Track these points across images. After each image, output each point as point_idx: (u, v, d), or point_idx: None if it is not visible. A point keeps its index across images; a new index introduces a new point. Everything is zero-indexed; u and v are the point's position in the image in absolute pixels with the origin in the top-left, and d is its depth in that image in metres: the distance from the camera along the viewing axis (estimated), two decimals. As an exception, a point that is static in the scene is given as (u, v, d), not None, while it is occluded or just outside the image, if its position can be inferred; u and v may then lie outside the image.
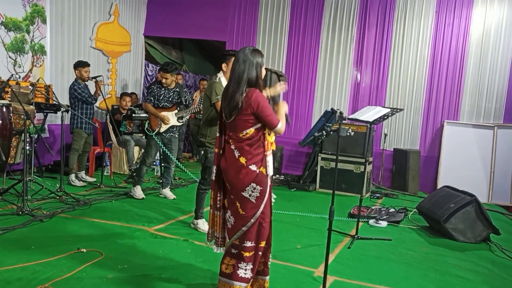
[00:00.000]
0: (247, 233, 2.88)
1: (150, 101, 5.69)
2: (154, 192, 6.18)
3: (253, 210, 2.87)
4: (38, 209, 4.77)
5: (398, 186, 7.54)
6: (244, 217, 2.88)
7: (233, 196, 2.90)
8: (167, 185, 6.08)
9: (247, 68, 2.85)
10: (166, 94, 5.75)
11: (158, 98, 5.70)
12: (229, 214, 2.96)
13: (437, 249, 4.61)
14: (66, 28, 7.59)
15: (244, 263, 2.90)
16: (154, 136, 5.66)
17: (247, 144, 2.86)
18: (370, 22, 8.06)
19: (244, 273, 2.91)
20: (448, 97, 7.66)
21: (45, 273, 3.24)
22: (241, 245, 2.90)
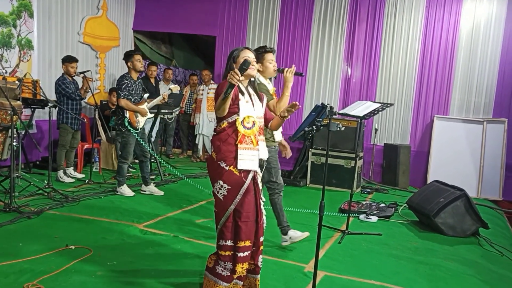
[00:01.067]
0: (222, 231, 2.87)
1: (126, 96, 5.50)
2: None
3: (222, 208, 2.86)
4: (25, 205, 4.71)
5: (389, 181, 7.56)
6: (216, 213, 2.92)
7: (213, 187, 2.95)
8: (149, 180, 5.96)
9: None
10: (136, 87, 5.64)
11: (131, 92, 5.57)
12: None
13: (427, 243, 4.62)
14: (53, 22, 7.49)
15: (222, 262, 2.87)
16: (135, 133, 5.58)
17: (218, 139, 2.89)
18: (360, 17, 8.05)
19: (222, 270, 2.87)
20: (438, 92, 7.68)
21: (32, 271, 3.20)
22: (217, 243, 2.90)
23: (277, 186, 4.15)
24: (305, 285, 3.33)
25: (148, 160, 5.91)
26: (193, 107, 8.96)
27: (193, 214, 5.07)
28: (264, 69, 4.16)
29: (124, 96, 5.50)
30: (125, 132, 5.58)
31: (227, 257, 2.87)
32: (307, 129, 2.75)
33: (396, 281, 3.54)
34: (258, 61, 4.03)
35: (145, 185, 5.90)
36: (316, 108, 2.76)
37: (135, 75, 5.64)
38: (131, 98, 5.55)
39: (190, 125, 9.11)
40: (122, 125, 5.55)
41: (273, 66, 4.15)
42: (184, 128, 9.28)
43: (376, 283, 3.48)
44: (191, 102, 9.01)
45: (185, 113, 9.09)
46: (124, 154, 5.68)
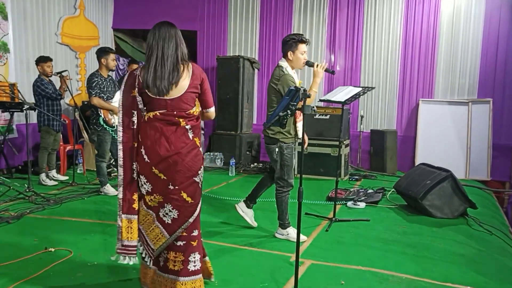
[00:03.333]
0: (195, 222, 2.76)
1: (98, 94, 5.39)
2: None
3: (200, 195, 2.77)
4: (5, 210, 4.60)
5: (377, 167, 7.52)
6: (192, 205, 2.73)
7: (177, 187, 2.67)
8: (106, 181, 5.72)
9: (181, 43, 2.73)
10: (107, 84, 5.54)
11: (103, 90, 5.48)
12: (168, 208, 2.69)
13: (415, 226, 4.58)
14: (29, 24, 7.34)
15: (193, 254, 2.75)
16: (111, 131, 5.48)
17: (198, 123, 2.76)
18: (341, 3, 7.98)
19: (194, 265, 2.76)
20: (422, 76, 7.65)
21: (10, 275, 3.11)
22: (189, 235, 2.74)
23: (287, 184, 4.04)
24: (291, 274, 3.25)
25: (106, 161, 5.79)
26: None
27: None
28: (294, 60, 3.98)
29: (95, 94, 5.38)
30: (100, 131, 5.49)
31: (198, 246, 2.78)
32: (281, 114, 2.67)
33: (384, 265, 3.49)
34: (289, 50, 3.96)
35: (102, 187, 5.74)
36: (289, 91, 2.69)
37: (106, 72, 5.55)
38: (103, 95, 5.45)
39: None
40: (97, 124, 5.46)
41: (304, 58, 3.99)
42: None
43: (364, 269, 3.43)
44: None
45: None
46: (100, 152, 5.57)
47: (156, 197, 2.71)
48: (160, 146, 2.65)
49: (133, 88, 2.68)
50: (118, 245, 2.75)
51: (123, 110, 2.70)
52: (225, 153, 7.82)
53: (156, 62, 2.64)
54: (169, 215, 2.70)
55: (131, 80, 2.70)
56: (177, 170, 2.66)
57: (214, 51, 8.80)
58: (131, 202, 2.73)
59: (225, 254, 3.68)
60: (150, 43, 2.68)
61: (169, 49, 2.67)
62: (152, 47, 2.67)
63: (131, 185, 2.72)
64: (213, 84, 8.62)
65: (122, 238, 2.74)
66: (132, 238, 2.73)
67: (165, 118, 2.66)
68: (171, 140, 2.67)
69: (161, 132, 2.66)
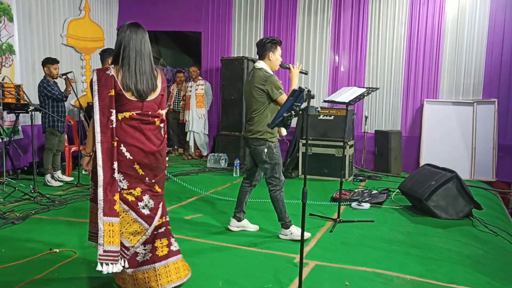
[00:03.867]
0: (164, 207, 2.99)
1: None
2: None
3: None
4: (10, 211, 4.62)
5: (381, 168, 7.50)
6: (161, 194, 2.95)
7: (153, 180, 2.85)
8: None
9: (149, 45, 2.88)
10: None
11: None
12: (146, 199, 2.83)
13: (420, 227, 4.57)
14: (34, 25, 7.38)
15: (171, 237, 3.02)
16: None
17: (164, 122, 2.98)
18: (345, 4, 7.97)
19: (175, 246, 3.00)
20: (427, 76, 7.62)
21: (15, 276, 3.13)
22: (166, 221, 2.98)
23: (279, 182, 4.06)
24: (295, 276, 3.25)
25: None
26: (181, 104, 8.88)
27: (182, 211, 5.00)
28: (274, 61, 4.06)
29: None
30: None
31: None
32: (285, 115, 2.67)
33: (388, 267, 3.48)
34: (269, 51, 4.03)
35: None
36: (293, 92, 2.69)
37: None
38: None
39: (179, 122, 9.03)
40: None
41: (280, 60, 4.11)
42: (174, 126, 9.19)
43: (368, 270, 3.42)
44: (179, 99, 8.93)
45: (173, 111, 9.00)
46: None
47: (134, 192, 2.80)
48: (143, 143, 2.77)
49: (110, 88, 2.71)
50: (99, 251, 2.65)
51: (100, 110, 2.70)
52: (229, 154, 7.83)
53: (136, 66, 2.75)
54: (148, 206, 2.85)
55: (105, 79, 2.71)
56: (156, 166, 2.84)
57: (219, 52, 8.80)
58: (112, 203, 2.68)
59: (228, 254, 3.68)
60: (124, 44, 2.75)
61: (145, 53, 2.81)
62: (128, 49, 2.75)
63: (112, 185, 2.69)
64: (217, 85, 8.63)
65: (104, 243, 2.64)
66: (114, 242, 2.67)
67: (141, 118, 2.79)
68: (150, 138, 2.81)
69: (140, 130, 2.78)
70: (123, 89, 2.72)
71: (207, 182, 6.50)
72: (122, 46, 2.76)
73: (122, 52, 2.75)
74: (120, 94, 2.73)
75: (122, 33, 2.78)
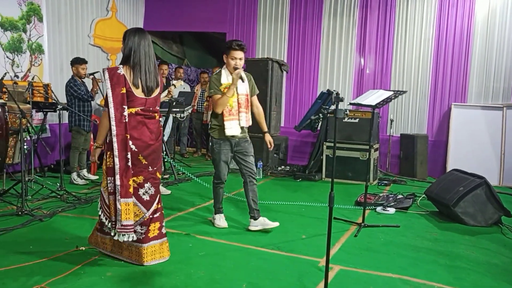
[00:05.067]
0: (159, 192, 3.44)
1: None
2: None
3: None
4: (38, 209, 4.70)
5: (406, 172, 7.39)
6: (159, 179, 3.43)
7: (155, 168, 3.36)
8: None
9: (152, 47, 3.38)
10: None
11: None
12: (147, 187, 3.32)
13: (447, 234, 4.47)
14: (63, 26, 7.51)
15: (163, 220, 3.50)
16: None
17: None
18: (372, 5, 7.89)
19: (164, 229, 3.49)
20: (455, 79, 7.48)
21: (42, 273, 3.17)
22: (161, 206, 3.44)
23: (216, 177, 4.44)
24: (319, 280, 3.23)
25: None
26: (205, 105, 8.92)
27: (205, 212, 5.01)
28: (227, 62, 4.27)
29: None
30: None
31: None
32: (313, 118, 2.67)
33: (415, 273, 3.41)
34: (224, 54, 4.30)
35: None
36: (321, 95, 2.67)
37: None
38: None
39: (203, 123, 9.06)
40: None
41: (234, 64, 4.21)
42: (197, 127, 9.24)
43: (394, 276, 3.36)
44: (203, 100, 8.97)
45: (197, 112, 9.04)
46: None
47: (137, 180, 3.26)
48: (146, 136, 3.24)
49: (122, 86, 3.14)
50: (118, 225, 3.19)
51: (115, 106, 3.13)
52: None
53: (145, 66, 3.22)
54: (148, 193, 3.32)
55: (116, 78, 3.15)
56: (157, 156, 3.34)
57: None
58: (127, 187, 3.17)
59: (252, 257, 3.66)
60: (135, 47, 3.22)
61: (151, 54, 3.29)
62: (139, 51, 3.21)
63: (127, 172, 3.16)
64: (242, 86, 8.62)
65: (122, 219, 3.17)
66: (129, 218, 3.20)
67: (144, 113, 3.24)
68: (152, 130, 3.28)
69: (144, 124, 3.24)
70: (133, 87, 3.18)
71: (230, 184, 6.47)
72: (132, 48, 3.21)
73: (133, 54, 3.20)
74: (129, 91, 3.17)
75: (131, 38, 3.24)
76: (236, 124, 4.19)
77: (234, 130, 4.18)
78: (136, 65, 3.19)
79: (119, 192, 3.13)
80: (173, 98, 6.32)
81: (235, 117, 4.19)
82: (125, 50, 3.24)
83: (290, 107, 8.55)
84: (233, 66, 4.16)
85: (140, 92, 3.21)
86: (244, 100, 4.26)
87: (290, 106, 8.54)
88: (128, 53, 3.22)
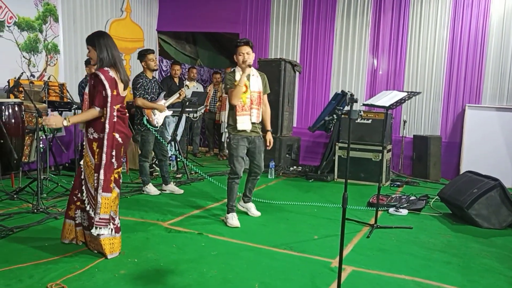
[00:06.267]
0: None
1: (142, 95, 5.50)
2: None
3: None
4: (53, 206, 4.77)
5: (419, 174, 7.35)
6: None
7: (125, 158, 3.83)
8: (169, 179, 5.94)
9: None
10: (151, 86, 5.63)
11: (147, 91, 5.56)
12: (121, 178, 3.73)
13: (460, 236, 4.44)
14: (78, 26, 7.60)
15: None
16: (154, 131, 5.57)
17: None
18: (385, 6, 7.85)
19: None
20: (469, 80, 7.41)
21: (57, 270, 3.21)
22: None
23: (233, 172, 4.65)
24: (332, 281, 3.23)
25: (167, 160, 5.90)
26: (217, 105, 8.95)
27: (217, 211, 5.03)
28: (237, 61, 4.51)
29: (140, 95, 5.49)
30: (144, 131, 5.59)
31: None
32: (327, 119, 2.67)
33: (428, 275, 3.40)
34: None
35: (165, 184, 5.90)
36: (336, 96, 2.67)
37: (150, 74, 5.65)
38: (148, 96, 5.54)
39: (215, 123, 9.10)
40: (141, 124, 5.56)
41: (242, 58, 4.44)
42: (209, 127, 9.28)
43: (407, 278, 3.35)
44: (216, 100, 9.00)
45: (210, 112, 9.08)
46: (143, 152, 5.69)
47: (119, 170, 3.55)
48: (126, 129, 3.53)
49: (115, 87, 3.38)
50: (96, 218, 3.43)
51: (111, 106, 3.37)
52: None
53: (121, 65, 3.47)
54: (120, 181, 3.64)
55: (110, 80, 3.36)
56: (127, 147, 3.75)
57: (256, 53, 8.80)
58: (109, 182, 3.44)
59: (264, 257, 3.68)
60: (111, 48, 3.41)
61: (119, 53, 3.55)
62: (114, 51, 3.43)
63: (110, 167, 3.43)
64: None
65: (100, 212, 3.43)
66: (106, 212, 3.46)
67: (122, 110, 3.49)
68: (127, 125, 3.59)
69: (123, 120, 3.51)
70: (120, 87, 3.43)
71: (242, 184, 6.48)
72: (109, 50, 3.39)
73: (112, 54, 3.40)
74: (117, 92, 3.41)
75: (103, 40, 3.41)
76: (247, 119, 4.45)
77: (246, 125, 4.44)
78: (117, 65, 3.43)
79: (102, 186, 3.39)
80: (186, 98, 6.37)
81: (247, 113, 4.45)
82: (102, 53, 3.39)
83: (302, 107, 8.55)
84: (242, 60, 4.39)
85: (123, 91, 3.48)
86: (256, 97, 4.51)
87: (303, 106, 8.53)
88: (106, 55, 3.38)
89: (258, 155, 4.67)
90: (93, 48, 3.45)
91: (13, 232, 3.99)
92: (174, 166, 7.32)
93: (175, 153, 6.89)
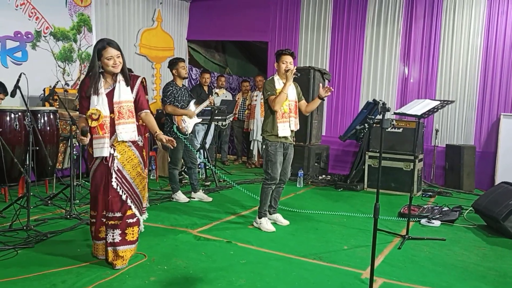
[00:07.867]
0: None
1: (172, 102, 5.56)
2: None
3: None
4: (85, 213, 4.85)
5: (452, 184, 7.18)
6: None
7: None
8: (198, 187, 5.97)
9: None
10: (181, 93, 5.68)
11: (177, 99, 5.62)
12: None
13: (496, 249, 4.30)
14: (111, 35, 7.75)
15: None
16: (184, 139, 5.61)
17: None
18: (417, 14, 7.74)
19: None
20: (504, 89, 7.22)
21: (89, 276, 3.26)
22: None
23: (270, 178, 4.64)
24: (362, 292, 3.18)
25: (196, 167, 5.94)
26: (246, 113, 8.98)
27: (246, 220, 5.02)
28: (278, 69, 4.70)
29: (170, 102, 5.55)
30: (174, 138, 5.62)
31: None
32: (358, 127, 2.63)
33: (462, 289, 3.31)
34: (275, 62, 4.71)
35: (193, 192, 5.93)
36: (367, 105, 2.63)
37: (180, 82, 5.71)
38: (177, 104, 5.60)
39: (244, 131, 9.13)
40: (171, 131, 5.61)
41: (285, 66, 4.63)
42: (238, 135, 9.31)
43: (440, 291, 3.27)
44: (244, 108, 9.04)
45: (238, 120, 9.12)
46: (173, 160, 5.75)
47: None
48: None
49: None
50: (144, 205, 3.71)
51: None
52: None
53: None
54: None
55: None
56: None
57: (285, 62, 8.81)
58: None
59: (294, 267, 3.64)
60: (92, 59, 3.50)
61: None
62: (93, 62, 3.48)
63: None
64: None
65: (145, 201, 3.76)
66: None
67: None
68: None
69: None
70: None
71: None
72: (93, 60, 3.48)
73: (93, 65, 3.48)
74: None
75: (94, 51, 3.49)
76: (287, 126, 4.57)
77: (286, 132, 4.55)
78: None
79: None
80: (215, 106, 6.41)
81: (287, 120, 4.57)
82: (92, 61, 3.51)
83: (331, 116, 8.49)
84: (285, 68, 4.55)
85: None
86: (293, 106, 4.65)
87: (332, 115, 8.48)
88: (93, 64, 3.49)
89: (287, 164, 4.77)
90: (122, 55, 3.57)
91: (47, 237, 4.08)
92: (203, 174, 7.36)
93: (204, 160, 6.93)
